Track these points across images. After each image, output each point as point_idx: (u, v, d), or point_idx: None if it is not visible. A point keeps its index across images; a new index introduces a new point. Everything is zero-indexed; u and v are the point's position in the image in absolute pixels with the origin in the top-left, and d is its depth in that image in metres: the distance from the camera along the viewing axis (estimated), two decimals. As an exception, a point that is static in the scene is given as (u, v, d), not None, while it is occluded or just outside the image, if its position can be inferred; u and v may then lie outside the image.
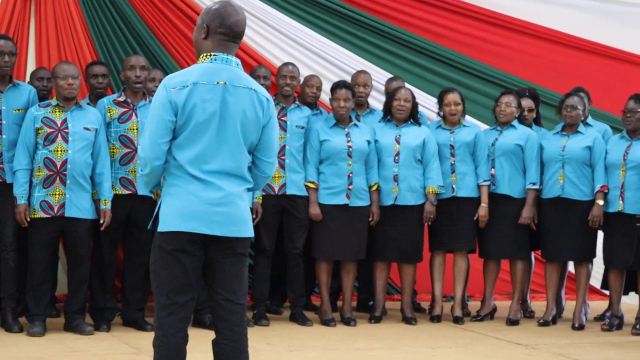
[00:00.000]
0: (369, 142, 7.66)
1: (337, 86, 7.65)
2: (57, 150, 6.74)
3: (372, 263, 7.83)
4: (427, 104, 8.75)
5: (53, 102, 6.90)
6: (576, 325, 7.75)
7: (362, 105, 8.17)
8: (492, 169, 7.84)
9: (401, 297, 7.98)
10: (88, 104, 7.23)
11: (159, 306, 4.02)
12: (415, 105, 7.79)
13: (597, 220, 7.62)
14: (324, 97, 8.23)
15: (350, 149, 7.58)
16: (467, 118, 8.23)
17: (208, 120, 3.96)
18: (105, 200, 6.86)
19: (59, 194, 6.75)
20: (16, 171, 6.77)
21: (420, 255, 7.84)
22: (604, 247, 7.77)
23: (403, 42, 9.22)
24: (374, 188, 7.67)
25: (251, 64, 8.44)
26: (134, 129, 7.02)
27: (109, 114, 7.05)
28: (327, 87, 7.97)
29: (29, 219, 6.75)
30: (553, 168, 7.73)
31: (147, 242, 6.55)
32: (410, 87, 8.33)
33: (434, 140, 7.75)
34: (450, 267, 7.95)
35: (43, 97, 7.33)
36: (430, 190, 7.68)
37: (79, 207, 6.78)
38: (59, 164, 6.74)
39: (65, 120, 6.80)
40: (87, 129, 6.83)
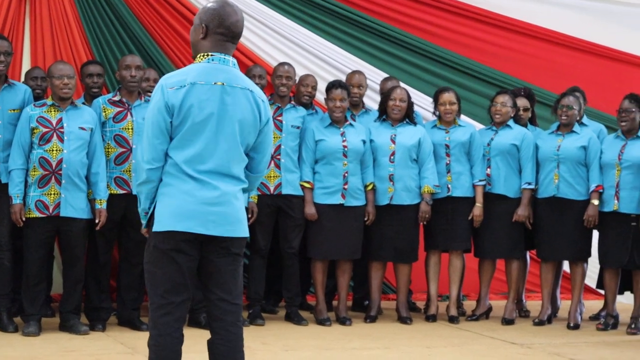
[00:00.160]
0: (364, 142, 7.67)
1: (332, 86, 7.65)
2: (53, 150, 6.74)
3: (368, 263, 7.84)
4: (422, 104, 8.75)
5: (48, 101, 6.89)
6: (571, 325, 7.77)
7: (357, 105, 8.17)
8: (488, 169, 7.85)
9: (396, 296, 7.99)
10: (83, 103, 7.22)
11: (154, 306, 4.01)
12: (410, 105, 7.80)
13: (592, 220, 7.63)
14: (319, 96, 8.23)
15: (346, 149, 7.58)
16: (463, 118, 8.22)
17: (205, 120, 3.96)
18: (100, 200, 6.86)
19: (54, 194, 6.74)
20: (11, 171, 6.76)
21: (416, 254, 7.84)
22: (599, 246, 7.78)
23: (399, 42, 9.22)
24: (370, 188, 7.67)
25: (247, 63, 8.44)
26: (129, 129, 7.02)
27: (104, 114, 7.05)
28: (322, 87, 7.97)
29: (24, 219, 6.74)
30: (548, 168, 7.75)
31: (142, 241, 6.44)
32: (406, 86, 8.34)
33: (429, 140, 7.75)
34: (446, 267, 7.96)
35: (37, 97, 7.32)
36: (426, 190, 7.69)
37: (74, 206, 6.78)
38: (54, 164, 6.73)
39: (60, 120, 6.80)
40: (82, 128, 6.83)
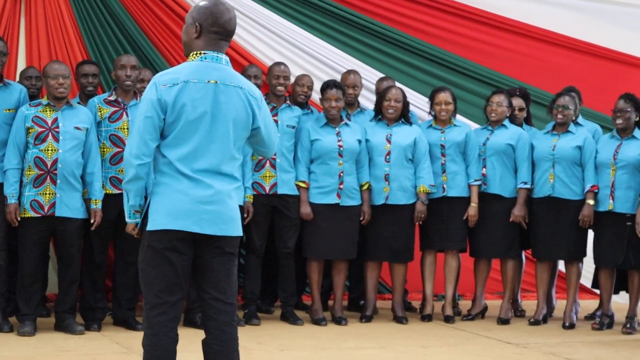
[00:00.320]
0: (359, 142, 7.67)
1: (327, 86, 7.65)
2: (48, 150, 6.73)
3: (363, 262, 7.83)
4: (418, 104, 8.75)
5: (44, 101, 6.89)
6: (567, 324, 7.77)
7: (353, 104, 8.17)
8: (484, 169, 7.85)
9: (392, 296, 7.99)
10: (79, 103, 7.21)
11: (148, 306, 4.00)
12: (406, 104, 7.80)
13: (587, 220, 7.63)
14: (315, 96, 8.23)
15: (341, 149, 7.58)
16: (458, 117, 8.23)
17: (199, 118, 3.96)
18: (95, 199, 6.85)
19: (49, 194, 6.73)
20: (6, 170, 6.75)
21: (411, 254, 7.85)
22: (594, 246, 7.79)
23: (394, 42, 9.22)
24: (365, 187, 7.67)
25: (242, 63, 8.44)
26: (124, 129, 7.01)
27: (99, 113, 7.05)
28: (318, 87, 7.96)
29: (19, 219, 6.74)
30: (543, 167, 7.75)
31: (138, 241, 6.45)
32: (402, 86, 8.33)
33: (425, 140, 7.75)
34: (441, 267, 7.96)
35: (32, 96, 7.31)
36: (422, 190, 7.69)
37: (70, 206, 6.77)
38: (49, 164, 6.72)
39: (56, 120, 6.79)
40: (77, 128, 6.82)
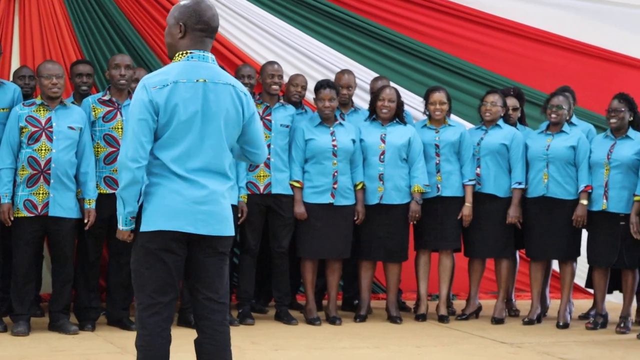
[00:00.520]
0: (354, 141, 7.67)
1: (320, 86, 7.64)
2: (41, 150, 6.72)
3: (358, 262, 7.84)
4: (413, 103, 8.75)
5: (37, 100, 6.88)
6: (561, 324, 7.78)
7: (347, 105, 8.17)
8: (478, 169, 7.85)
9: (386, 296, 7.99)
10: (73, 102, 7.21)
11: (141, 306, 4.00)
12: (400, 104, 7.80)
13: (580, 220, 7.64)
14: (309, 96, 8.22)
15: (335, 148, 7.58)
16: (453, 117, 8.23)
17: (190, 118, 3.95)
18: (89, 199, 6.85)
19: (42, 193, 6.72)
20: (0, 170, 6.74)
21: (406, 254, 7.85)
22: (588, 245, 7.80)
23: (389, 41, 9.22)
24: (359, 187, 7.67)
25: (236, 62, 8.44)
26: (118, 128, 7.01)
27: (93, 113, 7.04)
28: (312, 86, 7.96)
29: (12, 218, 6.73)
30: (537, 167, 7.76)
31: (132, 241, 6.52)
32: (396, 86, 8.34)
33: (419, 140, 7.76)
34: (436, 266, 7.96)
35: (26, 96, 7.30)
36: (416, 190, 7.69)
37: (63, 206, 6.76)
38: (42, 163, 6.72)
39: (49, 119, 6.78)
40: (71, 128, 6.81)
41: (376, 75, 8.75)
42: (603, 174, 7.58)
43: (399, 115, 7.79)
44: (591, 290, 8.15)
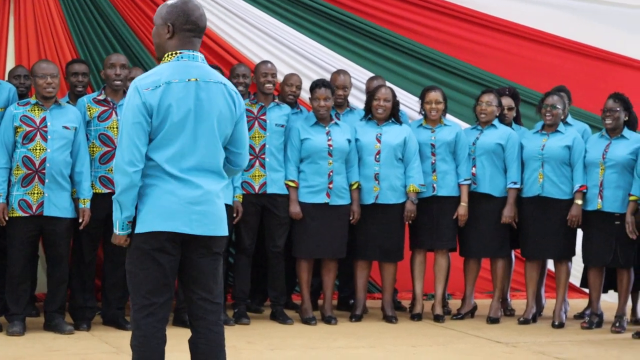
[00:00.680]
0: (349, 141, 7.67)
1: (316, 85, 7.64)
2: (36, 149, 6.71)
3: (353, 262, 7.83)
4: (408, 103, 8.76)
5: (32, 100, 6.87)
6: (556, 323, 7.78)
7: (342, 105, 8.17)
8: (473, 168, 7.86)
9: (382, 295, 7.99)
10: (68, 102, 7.20)
11: (136, 307, 3.99)
12: (395, 104, 7.80)
13: (575, 220, 7.65)
14: (304, 95, 8.22)
15: (331, 148, 7.58)
16: (448, 117, 8.23)
17: (183, 118, 3.94)
18: (84, 199, 6.84)
19: (37, 193, 6.72)
20: (-6, 170, 6.74)
21: (401, 253, 7.85)
22: (583, 245, 7.80)
23: (385, 41, 9.22)
24: (355, 187, 7.68)
25: (231, 61, 8.44)
26: (113, 128, 7.00)
27: (88, 113, 7.03)
28: (308, 86, 7.95)
29: (7, 218, 6.72)
30: (532, 167, 7.76)
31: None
32: (392, 86, 8.33)
33: (414, 139, 7.76)
34: (431, 266, 7.96)
35: (21, 95, 7.30)
36: (411, 189, 7.69)
37: (58, 206, 6.76)
38: (37, 163, 6.71)
39: (44, 119, 6.78)
40: (66, 127, 6.81)
41: (372, 74, 8.75)
42: (598, 174, 7.59)
43: (394, 114, 7.79)
44: (586, 290, 8.15)
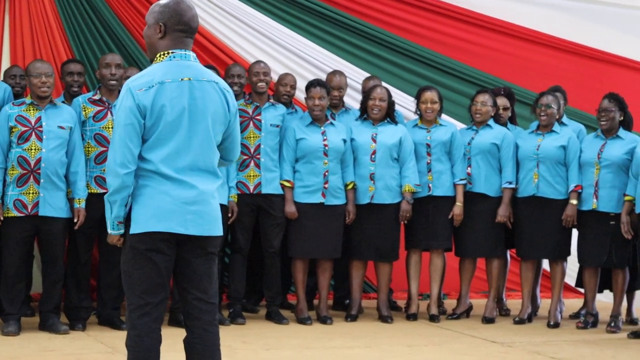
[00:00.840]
0: (344, 141, 7.67)
1: (311, 85, 7.65)
2: (31, 149, 6.71)
3: (348, 261, 7.83)
4: (404, 103, 8.76)
5: (27, 100, 6.86)
6: (551, 323, 7.79)
7: (337, 105, 8.16)
8: (469, 168, 7.86)
9: (377, 295, 7.99)
10: (63, 102, 7.20)
11: (132, 307, 4.00)
12: (391, 104, 7.80)
13: (570, 220, 7.65)
14: (300, 95, 8.22)
15: (326, 148, 7.58)
16: (444, 117, 8.23)
17: (178, 118, 3.94)
18: (79, 199, 6.83)
19: (32, 193, 6.71)
20: (-11, 170, 6.74)
21: (397, 253, 7.85)
22: (578, 245, 7.81)
23: (380, 41, 9.22)
24: (350, 187, 7.68)
25: (226, 61, 8.43)
26: (109, 128, 6.99)
27: (84, 113, 7.03)
28: (304, 86, 7.94)
29: (2, 218, 6.71)
30: (528, 167, 7.76)
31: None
32: (388, 86, 8.34)
33: (410, 139, 7.76)
34: (427, 266, 7.96)
35: (17, 95, 7.30)
36: (407, 189, 7.69)
37: (53, 205, 6.75)
38: (32, 163, 6.70)
39: (39, 119, 6.77)
40: (61, 127, 6.80)
41: (367, 75, 8.75)
42: (593, 174, 7.59)
43: (390, 114, 7.79)
44: (582, 290, 8.16)
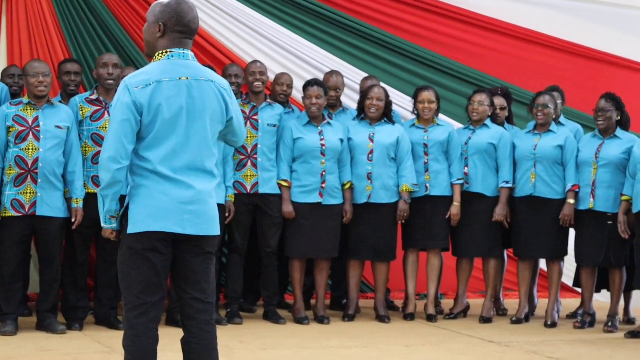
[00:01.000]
0: (342, 141, 7.67)
1: (308, 84, 7.66)
2: (29, 149, 6.70)
3: (346, 261, 7.84)
4: (401, 103, 8.76)
5: (25, 100, 6.86)
6: (549, 323, 7.79)
7: (335, 106, 8.16)
8: (466, 168, 7.86)
9: (375, 295, 7.99)
10: (60, 101, 7.19)
11: (129, 307, 3.99)
12: (388, 103, 7.80)
13: (567, 219, 7.66)
14: (297, 95, 8.22)
15: (324, 147, 7.58)
16: (441, 117, 8.23)
17: (175, 117, 3.94)
18: (77, 199, 6.83)
19: (30, 193, 6.71)
20: (-13, 170, 6.73)
21: (394, 253, 7.85)
22: (575, 245, 7.81)
23: (377, 41, 9.22)
24: (347, 186, 7.68)
25: (224, 61, 8.43)
26: (106, 128, 6.94)
27: (81, 112, 7.02)
28: (301, 86, 7.94)
29: (0, 218, 6.70)
30: (525, 167, 7.77)
31: (116, 239, 6.51)
32: (385, 86, 8.33)
33: (407, 139, 7.76)
34: (424, 266, 7.96)
35: (15, 95, 7.30)
36: (404, 189, 7.69)
37: (51, 205, 6.75)
38: (30, 163, 6.70)
39: (37, 119, 6.77)
40: (58, 127, 6.80)
41: (364, 74, 8.75)
42: (591, 173, 7.60)
43: (387, 114, 7.79)
44: (579, 290, 8.16)
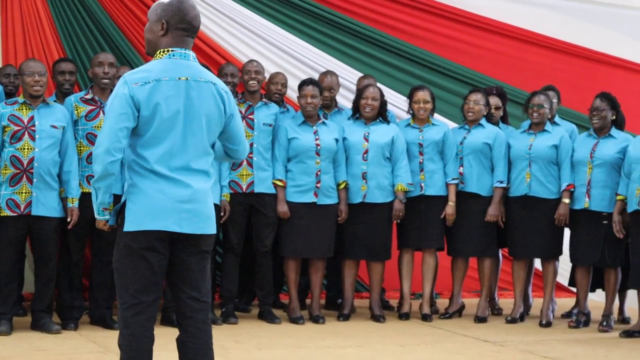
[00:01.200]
0: (337, 140, 7.67)
1: (304, 83, 7.66)
2: (24, 148, 6.70)
3: (341, 261, 7.84)
4: (397, 103, 8.77)
5: (20, 99, 6.85)
6: (543, 322, 7.80)
7: (329, 106, 8.17)
8: (461, 168, 7.87)
9: (370, 294, 8.00)
10: (55, 101, 7.19)
11: (124, 306, 3.99)
12: (383, 103, 7.81)
13: (562, 219, 7.67)
14: (292, 94, 8.22)
15: (319, 147, 7.58)
16: (436, 116, 8.24)
17: (173, 116, 3.94)
18: (72, 198, 6.83)
19: (25, 192, 6.70)
20: (-18, 169, 6.72)
21: (389, 253, 7.86)
22: (570, 244, 7.83)
23: (373, 41, 9.23)
24: (342, 186, 7.68)
25: (219, 61, 8.43)
26: (101, 127, 6.97)
27: (76, 112, 7.02)
28: (296, 85, 7.94)
29: (-3, 218, 6.71)
30: (520, 166, 7.78)
31: (114, 240, 6.45)
32: (380, 85, 8.34)
33: (402, 138, 7.77)
34: (419, 265, 7.97)
35: (10, 94, 7.29)
36: (399, 188, 7.70)
37: (46, 205, 6.74)
38: (25, 162, 6.69)
39: (32, 118, 6.76)
40: (54, 126, 6.79)
41: (360, 74, 8.76)
42: (586, 173, 7.61)
43: (382, 114, 7.80)
44: (574, 289, 8.18)
